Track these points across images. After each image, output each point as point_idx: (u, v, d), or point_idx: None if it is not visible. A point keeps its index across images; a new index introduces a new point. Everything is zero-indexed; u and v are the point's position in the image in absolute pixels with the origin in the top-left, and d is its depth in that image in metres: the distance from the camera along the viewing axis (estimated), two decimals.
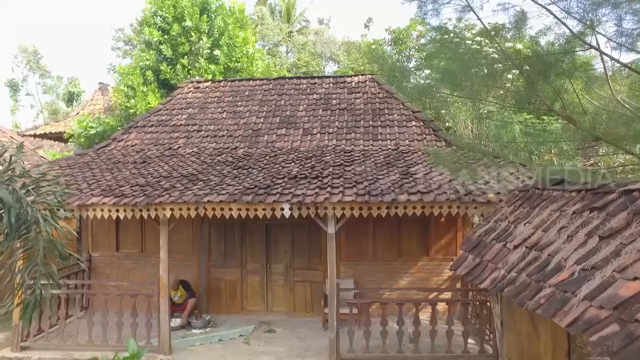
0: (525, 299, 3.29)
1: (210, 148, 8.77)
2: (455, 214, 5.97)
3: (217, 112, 9.77)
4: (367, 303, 6.54)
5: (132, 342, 5.91)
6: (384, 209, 5.77)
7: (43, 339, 6.80)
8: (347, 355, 6.20)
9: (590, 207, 3.51)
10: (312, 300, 8.15)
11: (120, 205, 6.18)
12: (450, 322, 6.17)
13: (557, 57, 4.31)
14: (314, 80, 10.55)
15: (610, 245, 2.98)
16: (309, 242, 8.12)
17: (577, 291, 2.85)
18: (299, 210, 5.85)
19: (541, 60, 4.38)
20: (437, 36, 5.46)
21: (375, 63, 11.25)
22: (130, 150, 8.95)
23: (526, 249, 3.84)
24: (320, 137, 8.77)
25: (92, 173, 7.54)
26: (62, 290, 6.83)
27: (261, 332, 7.36)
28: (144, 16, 14.02)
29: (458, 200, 5.66)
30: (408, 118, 8.93)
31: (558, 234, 3.65)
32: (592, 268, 2.90)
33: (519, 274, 3.64)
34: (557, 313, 2.88)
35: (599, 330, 2.46)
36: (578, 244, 3.28)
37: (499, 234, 4.53)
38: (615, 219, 3.16)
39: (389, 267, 7.95)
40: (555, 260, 3.36)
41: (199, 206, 6.04)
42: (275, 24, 26.02)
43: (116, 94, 13.77)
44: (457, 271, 4.79)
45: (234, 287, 8.33)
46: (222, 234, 8.35)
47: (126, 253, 8.53)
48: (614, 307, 2.46)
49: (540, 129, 6.97)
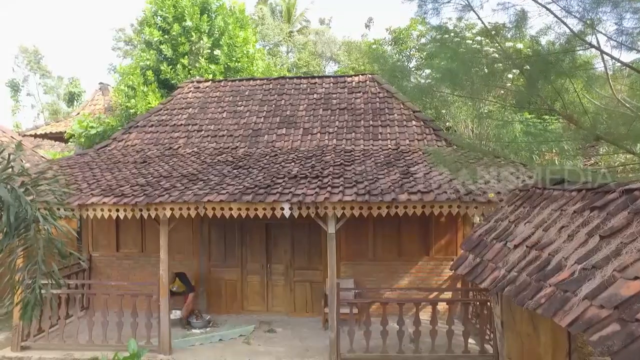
0: (526, 298, 3.28)
1: (211, 148, 8.77)
2: (456, 214, 5.97)
3: (218, 112, 9.77)
4: (368, 303, 6.53)
5: (132, 342, 5.90)
6: (384, 208, 5.76)
7: (43, 338, 6.80)
8: (348, 355, 6.20)
9: (591, 206, 3.50)
10: (312, 300, 8.14)
11: (120, 205, 6.17)
12: (450, 322, 6.16)
13: (557, 57, 4.30)
14: (314, 80, 10.55)
15: (610, 245, 2.96)
16: (309, 242, 8.11)
17: (577, 290, 2.84)
18: (299, 210, 5.85)
19: (542, 59, 4.37)
20: (437, 35, 5.45)
21: (376, 63, 11.23)
22: (130, 150, 8.94)
23: (527, 248, 3.83)
24: (321, 136, 8.76)
25: (92, 173, 7.54)
26: (62, 290, 6.83)
27: (261, 332, 7.36)
28: (144, 16, 14.03)
29: (458, 200, 5.65)
30: (408, 118, 8.92)
31: (559, 233, 3.64)
32: (592, 267, 2.89)
33: (519, 274, 3.63)
34: (557, 312, 2.86)
35: (600, 329, 2.44)
36: (579, 243, 3.27)
37: (500, 234, 4.52)
38: (616, 218, 3.14)
39: (389, 267, 7.94)
40: (556, 259, 3.35)
41: (199, 206, 6.03)
42: (276, 24, 26.02)
43: (116, 94, 13.78)
44: (458, 271, 4.78)
45: (234, 287, 8.33)
46: (222, 234, 8.35)
47: (126, 253, 8.53)
48: (614, 306, 2.45)
49: (542, 128, 6.97)
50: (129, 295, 6.68)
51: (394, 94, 9.52)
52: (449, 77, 5.21)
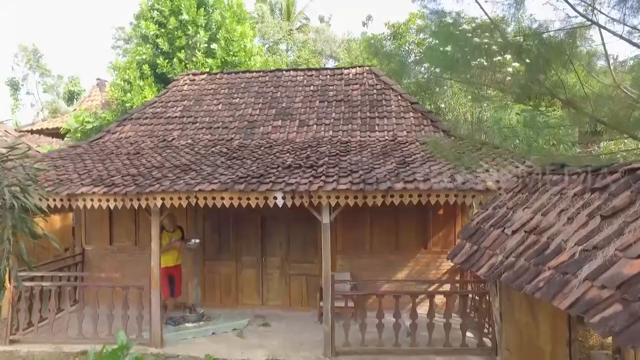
0: (524, 283, 3.14)
1: (205, 140, 8.63)
2: (454, 204, 5.81)
3: (213, 104, 9.63)
4: (363, 295, 6.39)
5: (122, 334, 5.75)
6: (380, 197, 5.61)
7: (33, 332, 6.67)
8: (343, 349, 6.05)
9: (592, 187, 3.36)
10: (307, 294, 8.00)
11: (110, 194, 6.04)
12: (448, 315, 6.02)
13: (557, 37, 4.16)
14: (311, 73, 10.40)
15: (612, 225, 2.82)
16: (305, 235, 7.97)
17: (577, 272, 2.70)
18: (293, 199, 5.70)
19: (541, 41, 4.23)
20: (436, 19, 5.30)
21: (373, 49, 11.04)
22: (124, 142, 8.81)
23: (525, 233, 3.68)
24: (317, 128, 8.61)
25: (83, 164, 7.41)
26: (51, 283, 6.71)
27: (255, 326, 7.22)
28: (140, 9, 13.90)
29: (456, 189, 5.50)
30: (406, 109, 8.77)
31: (558, 217, 3.49)
32: (593, 248, 2.75)
33: (517, 259, 3.48)
34: (556, 295, 2.72)
35: (601, 310, 2.31)
36: (579, 225, 3.13)
37: (497, 221, 4.38)
38: (618, 198, 3.00)
39: (386, 260, 7.79)
40: (555, 242, 3.20)
41: (190, 195, 5.89)
42: (275, 22, 25.89)
43: (113, 89, 13.66)
44: (454, 260, 4.64)
45: (228, 281, 8.19)
46: (217, 227, 8.21)
47: (120, 246, 8.40)
48: (616, 286, 2.31)
49: (541, 118, 6.81)
50: (120, 288, 6.55)
51: (391, 86, 9.37)
52: (446, 62, 5.06)
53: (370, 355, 5.96)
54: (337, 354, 5.99)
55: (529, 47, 4.34)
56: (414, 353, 5.96)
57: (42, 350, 6.35)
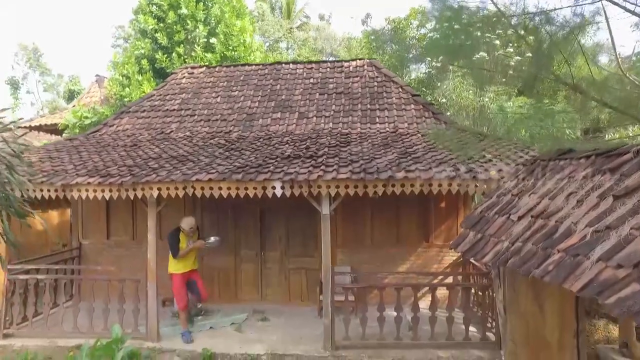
0: (532, 267, 2.99)
1: (204, 132, 8.50)
2: (456, 197, 5.70)
3: (212, 97, 9.51)
4: (364, 288, 6.25)
5: (117, 327, 5.65)
6: (381, 187, 5.47)
7: (27, 327, 6.54)
8: (343, 343, 5.92)
9: (602, 169, 3.22)
10: (307, 289, 7.87)
11: (105, 184, 5.91)
12: (450, 309, 5.88)
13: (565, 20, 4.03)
14: (311, 66, 10.27)
15: (626, 205, 2.68)
16: (304, 229, 7.84)
17: (590, 253, 2.56)
18: (292, 188, 5.57)
19: (547, 18, 4.10)
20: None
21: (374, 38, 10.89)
22: (121, 134, 8.69)
23: (532, 218, 3.54)
24: (316, 120, 8.48)
25: (79, 156, 7.28)
26: (47, 276, 6.58)
27: (254, 320, 7.09)
28: (139, 4, 13.77)
29: (458, 178, 5.37)
30: (407, 101, 8.64)
31: (566, 200, 3.35)
32: (606, 228, 2.61)
33: (524, 244, 3.34)
34: (567, 278, 2.58)
35: (617, 291, 2.17)
36: (589, 207, 2.99)
37: (502, 208, 4.23)
38: (631, 178, 2.87)
39: (387, 254, 7.65)
40: (565, 225, 3.06)
41: (187, 185, 5.76)
42: (276, 20, 25.79)
43: (111, 84, 13.53)
44: (458, 249, 4.49)
45: (227, 276, 8.06)
46: (215, 221, 8.08)
47: (117, 240, 8.28)
48: (634, 264, 2.17)
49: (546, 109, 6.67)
50: (116, 282, 6.42)
51: (392, 78, 9.25)
52: (450, 49, 4.93)
53: (371, 349, 5.83)
54: (337, 348, 5.86)
55: (535, 26, 4.22)
56: (415, 347, 5.82)
57: (37, 345, 6.23)
